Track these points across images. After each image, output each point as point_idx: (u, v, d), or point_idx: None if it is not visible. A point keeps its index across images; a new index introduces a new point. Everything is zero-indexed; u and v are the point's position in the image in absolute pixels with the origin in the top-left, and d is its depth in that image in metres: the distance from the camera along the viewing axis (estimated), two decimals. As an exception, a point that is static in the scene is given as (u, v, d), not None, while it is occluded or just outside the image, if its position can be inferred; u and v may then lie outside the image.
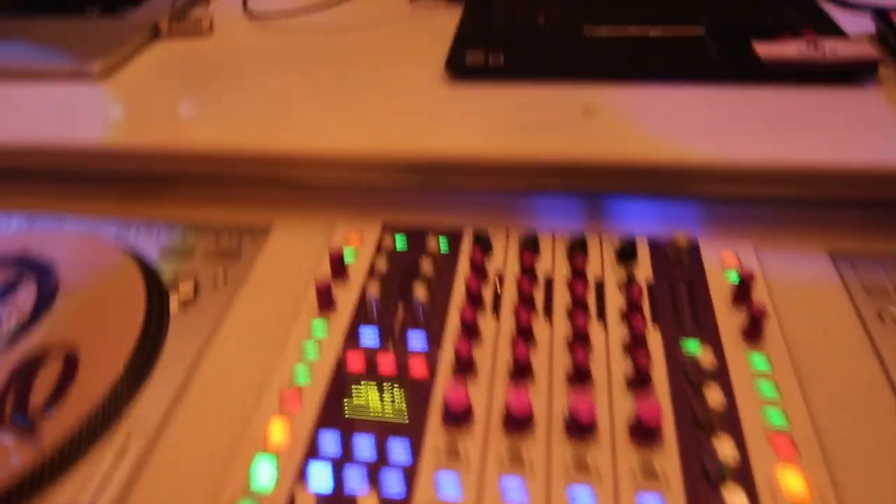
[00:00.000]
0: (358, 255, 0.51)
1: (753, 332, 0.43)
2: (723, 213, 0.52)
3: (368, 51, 0.68)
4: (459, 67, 0.61)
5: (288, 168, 0.55)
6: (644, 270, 0.48)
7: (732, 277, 0.48)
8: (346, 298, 0.47)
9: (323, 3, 0.75)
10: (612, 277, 0.48)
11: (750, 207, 0.52)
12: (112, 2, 0.78)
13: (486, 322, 0.45)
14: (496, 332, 0.44)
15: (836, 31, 0.62)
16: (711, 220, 0.52)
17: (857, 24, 0.66)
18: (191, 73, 0.67)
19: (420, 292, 0.45)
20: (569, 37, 0.64)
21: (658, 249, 0.50)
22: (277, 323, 0.46)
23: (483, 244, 0.50)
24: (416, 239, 0.52)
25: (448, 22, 0.73)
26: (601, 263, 0.49)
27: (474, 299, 0.46)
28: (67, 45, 0.69)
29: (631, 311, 0.44)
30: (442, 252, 0.51)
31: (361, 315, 0.46)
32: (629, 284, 0.47)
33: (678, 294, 0.47)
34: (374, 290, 0.45)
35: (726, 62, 0.58)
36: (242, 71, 0.66)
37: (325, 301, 0.46)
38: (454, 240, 0.52)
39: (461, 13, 0.73)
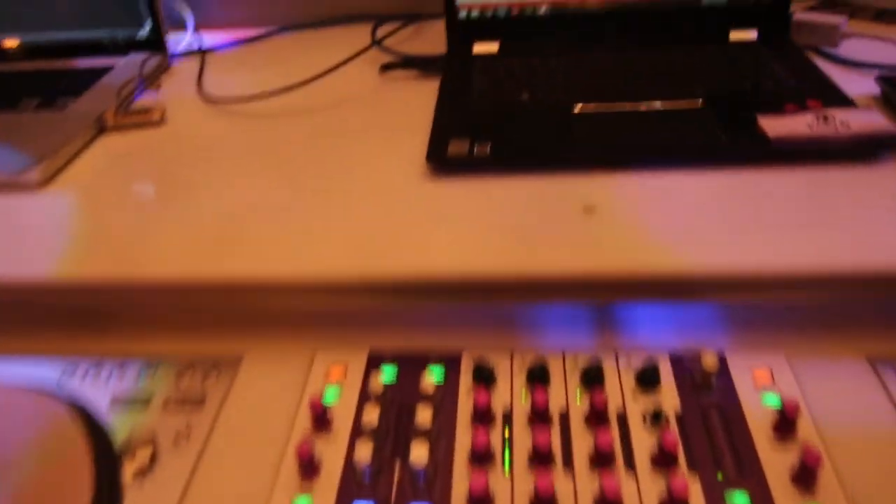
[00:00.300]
0: (342, 396, 0.44)
1: (805, 478, 0.37)
2: (748, 317, 0.47)
3: (339, 137, 0.62)
4: (442, 159, 0.55)
5: (257, 296, 0.48)
6: (670, 399, 0.42)
7: (770, 401, 0.42)
8: (331, 458, 0.40)
9: (285, 86, 0.68)
10: (636, 409, 0.42)
11: (777, 311, 0.47)
12: (50, 92, 0.71)
13: (497, 480, 0.39)
14: (511, 494, 0.38)
15: (841, 98, 0.58)
16: (736, 325, 0.47)
17: (860, 85, 0.62)
18: (142, 175, 0.59)
19: (419, 452, 0.38)
20: (558, 115, 0.59)
21: (682, 370, 0.44)
22: (252, 496, 0.39)
23: (485, 376, 0.44)
24: (408, 370, 0.46)
25: (422, 95, 0.68)
26: (620, 391, 0.43)
27: (482, 456, 0.39)
28: (1, 147, 0.61)
29: (664, 460, 0.39)
30: (438, 383, 0.44)
31: (351, 484, 0.39)
32: (657, 422, 0.41)
33: (712, 427, 0.41)
34: (364, 453, 0.39)
35: (732, 142, 0.53)
36: (200, 171, 0.59)
37: (308, 467, 0.39)
38: (451, 366, 0.45)
39: (438, 88, 0.67)
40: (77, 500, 0.39)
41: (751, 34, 0.71)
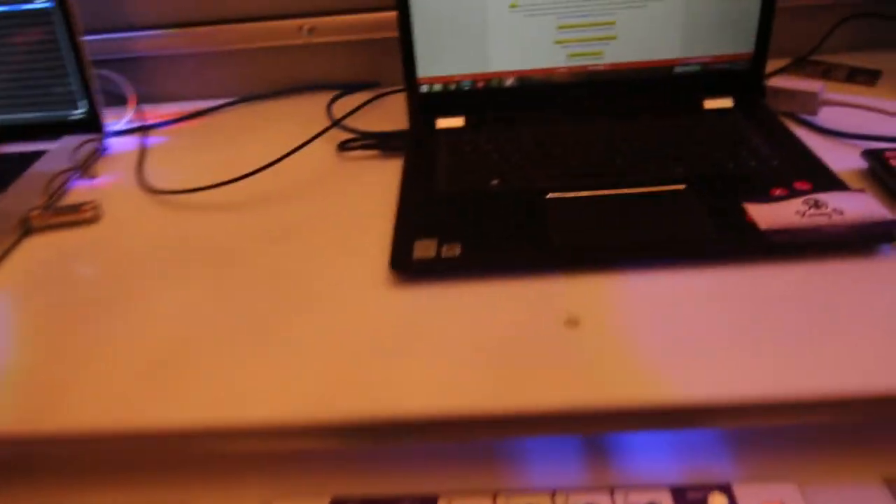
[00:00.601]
0: (301, 565, 0.38)
1: None
2: (754, 442, 0.43)
3: (293, 235, 0.57)
4: (407, 264, 0.50)
5: (201, 441, 0.42)
6: (677, 552, 0.37)
7: (788, 548, 0.37)
8: None
9: (234, 177, 0.63)
10: (640, 568, 0.37)
11: (784, 434, 0.42)
12: (-29, 188, 0.64)
13: None
14: None
15: (830, 179, 0.55)
16: (742, 450, 0.42)
17: (845, 158, 0.59)
18: (69, 291, 0.53)
19: None
20: (532, 205, 0.55)
21: (687, 511, 0.39)
22: None
23: (466, 531, 0.39)
24: (377, 524, 0.40)
25: (384, 177, 0.63)
26: (620, 543, 0.38)
27: None
28: None
29: None
30: (412, 537, 0.39)
31: None
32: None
33: (728, 588, 0.36)
34: None
35: (723, 237, 0.49)
36: (136, 284, 0.53)
37: None
38: (426, 515, 0.40)
39: (401, 169, 0.63)
40: None
41: (726, 102, 0.68)
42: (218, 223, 0.59)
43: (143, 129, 0.77)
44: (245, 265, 0.53)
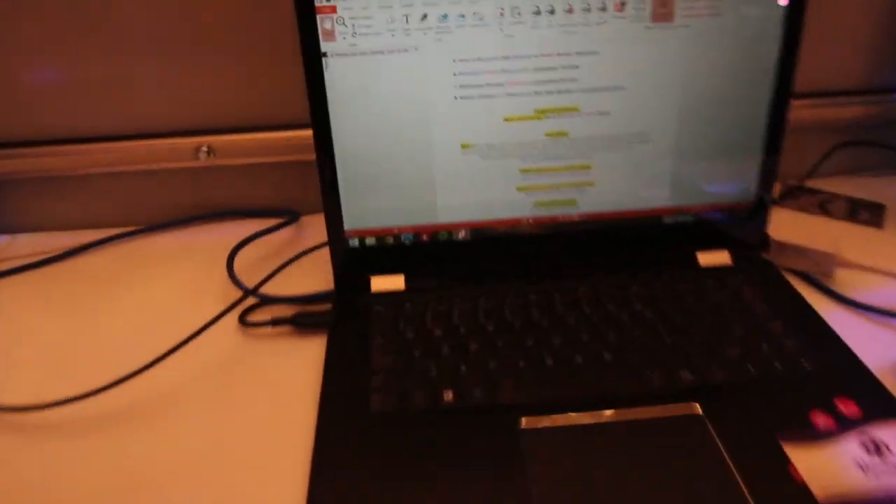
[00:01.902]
0: None
1: None
2: None
3: (165, 487, 0.40)
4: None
5: None
6: None
7: None
8: None
9: (105, 384, 0.45)
10: None
11: None
12: None
13: None
14: None
15: (876, 392, 0.43)
16: None
17: (877, 342, 0.48)
18: None
19: None
20: (501, 439, 0.40)
21: None
22: None
23: None
24: None
25: (302, 371, 0.48)
26: None
27: None
28: None
29: None
30: None
31: None
32: None
33: None
34: None
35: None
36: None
37: None
38: None
39: (322, 369, 0.47)
40: None
41: (723, 256, 0.56)
42: (87, 454, 0.42)
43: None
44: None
